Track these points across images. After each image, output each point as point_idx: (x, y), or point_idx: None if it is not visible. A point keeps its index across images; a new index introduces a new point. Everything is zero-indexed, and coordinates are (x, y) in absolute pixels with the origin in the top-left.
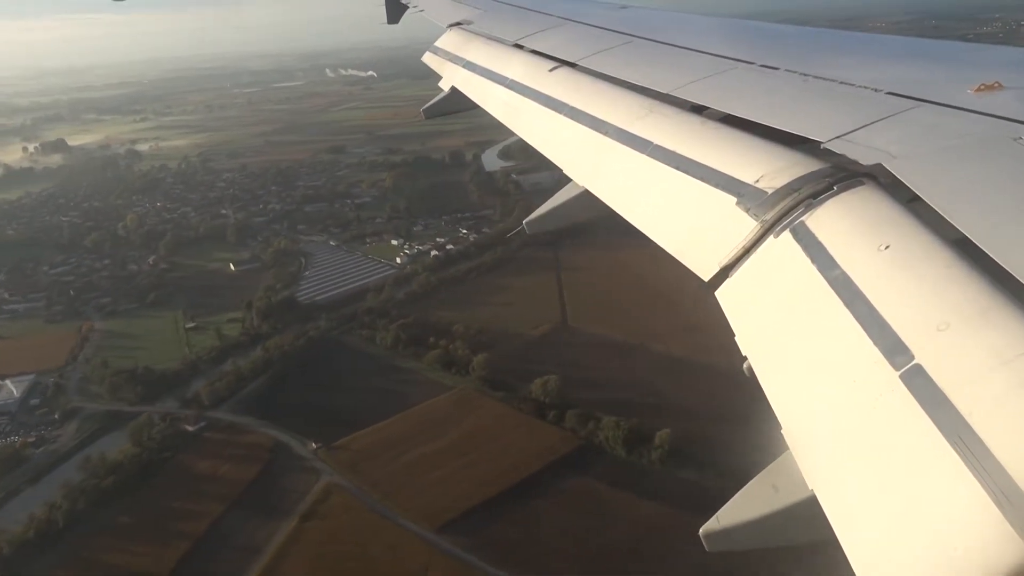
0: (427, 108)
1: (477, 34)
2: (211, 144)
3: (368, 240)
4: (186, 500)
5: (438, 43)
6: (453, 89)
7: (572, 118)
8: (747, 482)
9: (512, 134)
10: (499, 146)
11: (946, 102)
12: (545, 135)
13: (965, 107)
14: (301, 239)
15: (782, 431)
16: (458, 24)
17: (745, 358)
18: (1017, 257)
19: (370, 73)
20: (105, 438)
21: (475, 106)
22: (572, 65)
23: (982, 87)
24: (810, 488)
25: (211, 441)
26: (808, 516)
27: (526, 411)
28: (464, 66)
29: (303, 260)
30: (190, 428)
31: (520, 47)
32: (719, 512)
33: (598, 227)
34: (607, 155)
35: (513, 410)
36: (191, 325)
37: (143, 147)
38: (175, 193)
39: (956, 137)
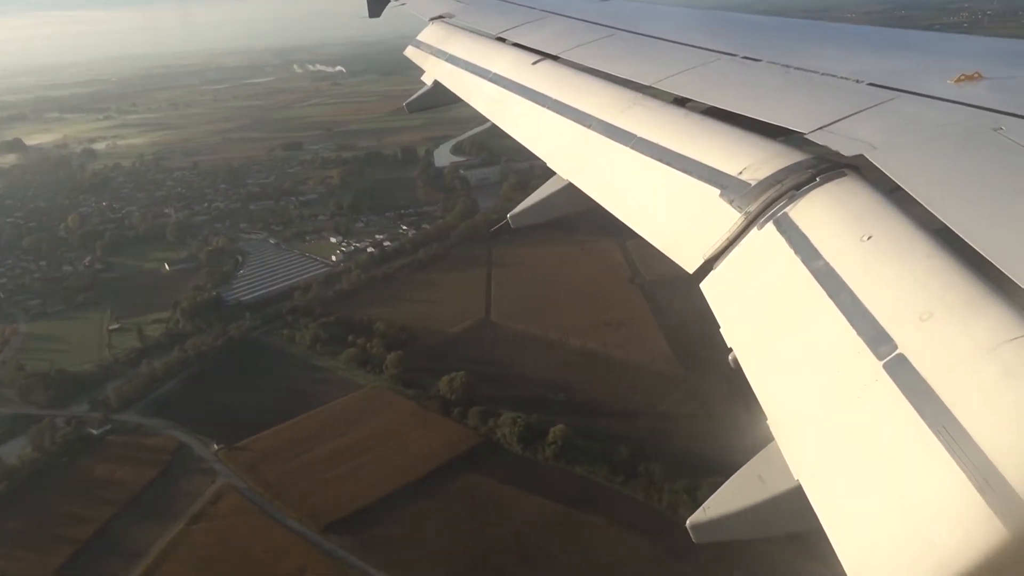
0: (410, 102)
1: (459, 27)
2: (169, 142)
3: (308, 238)
4: (77, 505)
5: (420, 37)
6: (436, 83)
7: (555, 111)
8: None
9: (466, 129)
10: (453, 141)
11: (927, 92)
12: (528, 129)
13: (945, 97)
14: (241, 237)
15: (767, 422)
16: (440, 17)
17: (730, 350)
18: (998, 246)
19: (338, 68)
20: (12, 442)
21: (458, 100)
22: (555, 58)
23: (962, 77)
24: (796, 478)
25: (113, 444)
26: (794, 506)
27: (431, 409)
28: (447, 60)
29: (240, 259)
30: (94, 431)
31: (503, 40)
32: (706, 503)
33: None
34: (590, 148)
35: (420, 408)
36: (115, 326)
37: (100, 146)
38: (123, 192)
39: (937, 127)
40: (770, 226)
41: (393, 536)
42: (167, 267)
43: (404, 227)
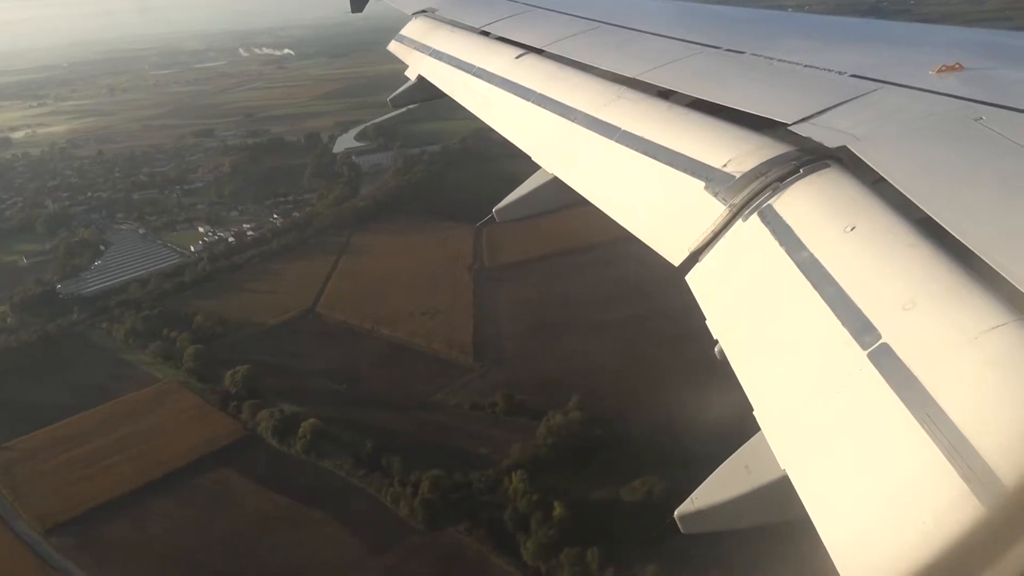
0: (394, 98)
1: (443, 22)
2: (89, 130)
3: (178, 228)
4: None
5: (403, 31)
6: (420, 78)
7: (539, 105)
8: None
9: (377, 116)
10: (361, 127)
11: (909, 84)
12: (512, 122)
13: (927, 88)
14: (112, 228)
15: (754, 413)
16: (423, 12)
17: (716, 342)
18: (980, 235)
19: (286, 52)
20: None
21: (442, 95)
22: (539, 52)
23: (943, 68)
24: (782, 468)
25: None
26: (780, 496)
27: (213, 403)
28: (430, 54)
29: (103, 249)
30: None
31: (486, 34)
32: (693, 494)
33: (396, 210)
34: (575, 142)
35: (203, 403)
36: None
37: (19, 135)
38: (17, 183)
39: (919, 118)
40: (755, 218)
41: (115, 536)
42: (24, 260)
43: (275, 215)
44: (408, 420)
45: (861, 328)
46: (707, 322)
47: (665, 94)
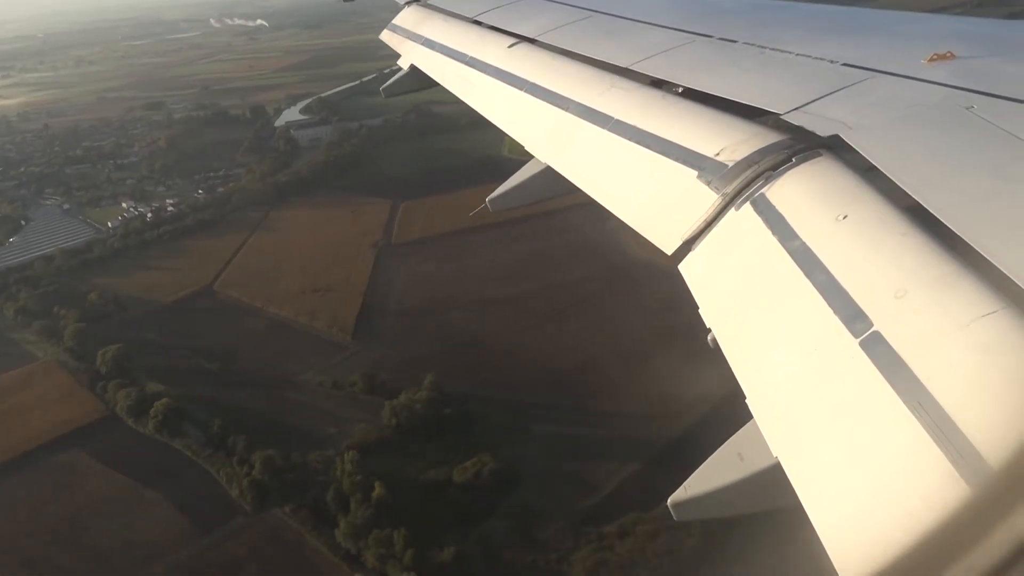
0: (386, 87)
1: (435, 10)
2: (43, 102)
3: (103, 203)
4: None
5: (396, 20)
6: (412, 67)
7: (532, 94)
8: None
9: (326, 89)
10: (306, 101)
11: (900, 72)
12: (505, 112)
13: (919, 77)
14: (38, 204)
15: (746, 401)
16: (416, 1)
17: (709, 330)
18: (971, 224)
19: (259, 23)
20: None
21: (435, 84)
22: (532, 41)
23: (935, 57)
24: (775, 456)
25: None
26: (773, 483)
27: (83, 383)
28: (423, 43)
29: (24, 224)
30: None
31: (479, 23)
32: (687, 482)
33: (320, 185)
34: (568, 131)
35: (75, 382)
36: None
37: None
38: None
39: (911, 107)
40: (747, 207)
41: None
42: None
43: (200, 191)
44: (268, 399)
45: (853, 316)
46: (700, 311)
47: (658, 83)
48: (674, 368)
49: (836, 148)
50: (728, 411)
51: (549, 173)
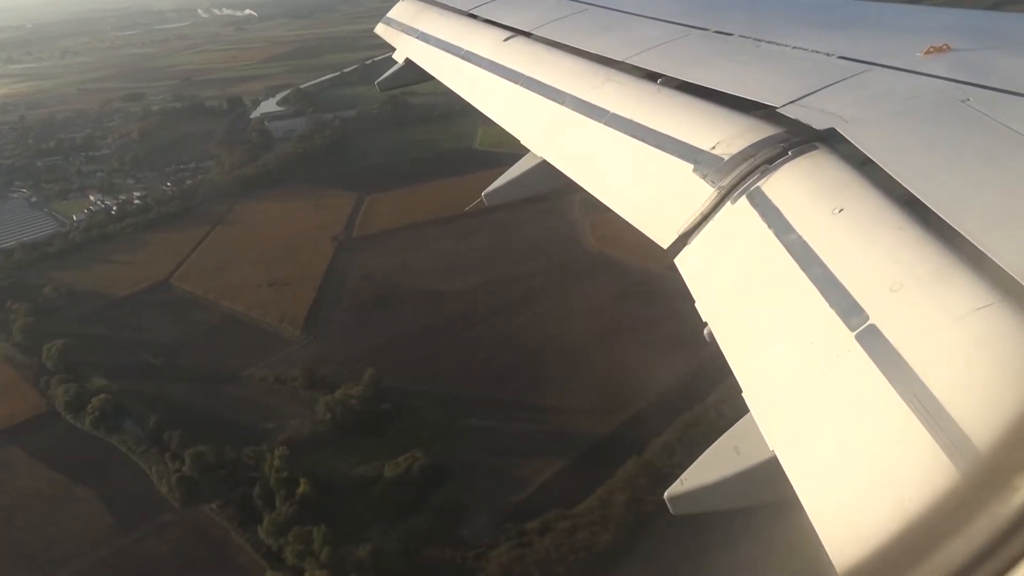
0: (381, 81)
1: (430, 4)
2: (24, 94)
3: (71, 196)
4: None
5: (391, 14)
6: (408, 61)
7: (528, 88)
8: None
9: (308, 80)
10: (285, 92)
11: (896, 65)
12: (501, 106)
13: (915, 70)
14: (7, 196)
15: (743, 394)
16: None
17: (705, 324)
18: (967, 217)
19: (248, 12)
20: None
21: (430, 78)
22: (527, 34)
23: (931, 50)
24: (771, 449)
25: None
26: (769, 477)
27: (28, 378)
28: (418, 37)
29: None
30: None
31: (474, 17)
32: (683, 475)
33: (287, 177)
34: (564, 125)
35: (19, 377)
36: None
37: None
38: None
39: (907, 100)
40: (743, 200)
41: None
42: None
43: (168, 184)
44: (209, 394)
45: (849, 309)
46: (696, 304)
47: (654, 77)
48: (615, 363)
49: (832, 141)
50: (661, 408)
51: (545, 167)
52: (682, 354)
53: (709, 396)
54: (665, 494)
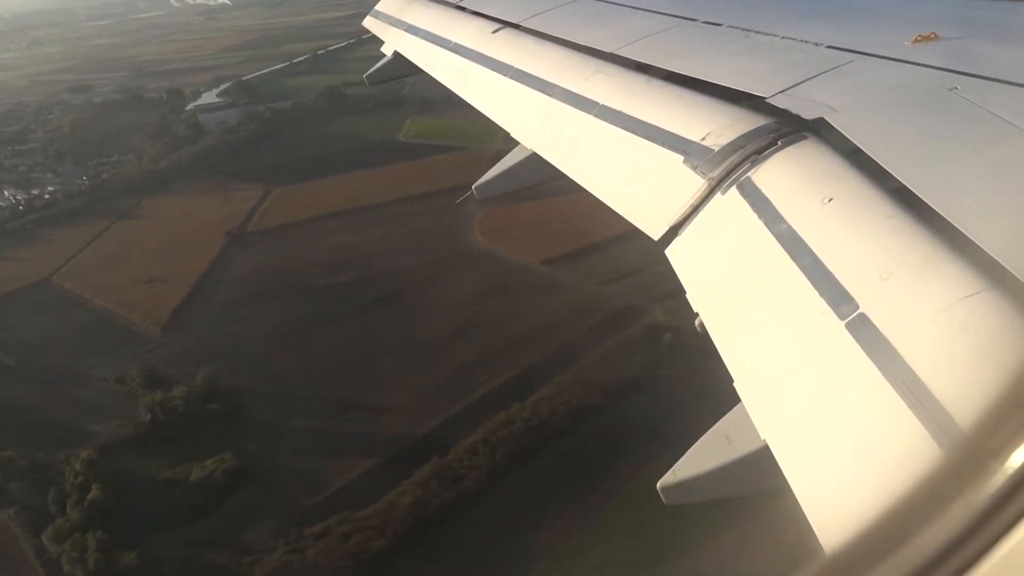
0: (370, 74)
1: None
2: None
3: None
4: None
5: (379, 7)
6: (396, 54)
7: (517, 80)
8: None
9: (258, 69)
10: (227, 84)
11: (885, 54)
12: (490, 99)
13: (903, 59)
14: None
15: (734, 384)
16: None
17: (697, 314)
18: (955, 205)
19: (221, 1)
20: None
21: (419, 71)
22: (516, 26)
23: (919, 39)
24: (762, 438)
25: None
26: (761, 466)
27: None
28: (406, 30)
29: None
30: None
31: (462, 9)
32: (675, 466)
33: (202, 171)
34: (553, 117)
35: None
36: None
37: None
38: None
39: (895, 89)
40: (733, 191)
41: None
42: None
43: (85, 178)
44: (49, 396)
45: (839, 298)
46: (687, 295)
47: (643, 68)
48: (457, 361)
49: (821, 131)
50: (481, 407)
51: (535, 159)
52: (524, 352)
53: (532, 395)
54: (658, 484)
